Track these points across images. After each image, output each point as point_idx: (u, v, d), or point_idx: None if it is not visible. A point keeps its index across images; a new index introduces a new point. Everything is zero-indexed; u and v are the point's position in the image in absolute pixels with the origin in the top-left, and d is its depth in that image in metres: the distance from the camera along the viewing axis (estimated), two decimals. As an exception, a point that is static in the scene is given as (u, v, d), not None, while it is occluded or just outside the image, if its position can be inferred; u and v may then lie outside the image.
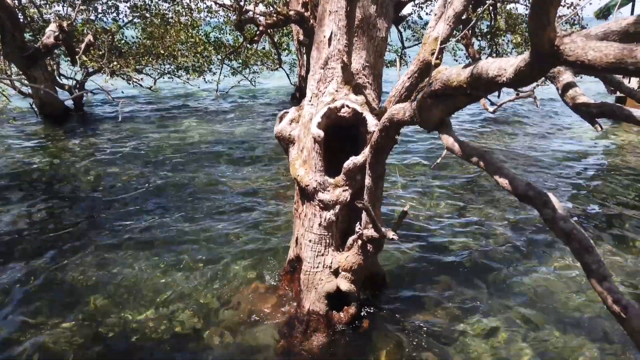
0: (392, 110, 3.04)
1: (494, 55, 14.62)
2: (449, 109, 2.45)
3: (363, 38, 4.19)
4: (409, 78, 3.88)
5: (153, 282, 5.32)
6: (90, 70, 13.75)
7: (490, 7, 12.94)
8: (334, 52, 4.15)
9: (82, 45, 11.99)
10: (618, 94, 13.01)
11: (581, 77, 5.94)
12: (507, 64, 1.74)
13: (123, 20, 13.93)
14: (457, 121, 14.51)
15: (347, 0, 3.77)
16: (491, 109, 6.45)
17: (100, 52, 12.25)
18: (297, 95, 18.32)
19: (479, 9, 12.19)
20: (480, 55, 14.75)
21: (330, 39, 4.16)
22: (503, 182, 2.05)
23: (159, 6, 13.92)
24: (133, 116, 14.99)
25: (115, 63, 12.14)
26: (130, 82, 14.39)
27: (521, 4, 13.06)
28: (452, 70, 2.23)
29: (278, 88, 21.87)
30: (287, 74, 19.78)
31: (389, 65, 17.33)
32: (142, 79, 14.77)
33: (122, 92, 15.13)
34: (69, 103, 14.72)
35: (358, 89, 4.22)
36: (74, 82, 15.02)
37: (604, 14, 14.72)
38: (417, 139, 12.39)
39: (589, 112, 2.12)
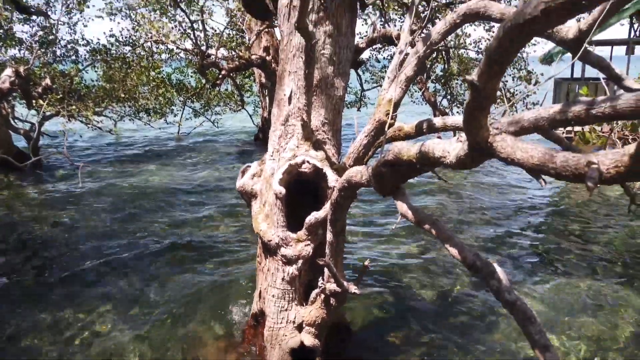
0: (350, 172, 3.17)
1: (449, 97, 15.33)
2: (402, 177, 2.60)
3: (322, 97, 4.36)
4: (365, 136, 4.05)
5: (102, 340, 5.14)
6: (48, 114, 13.49)
7: (444, 52, 13.64)
8: (294, 110, 4.29)
9: (39, 89, 11.81)
10: (565, 134, 13.75)
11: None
12: (450, 147, 1.89)
13: (82, 64, 13.84)
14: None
15: (305, 63, 3.93)
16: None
17: (58, 96, 12.07)
18: (260, 136, 18.47)
19: (432, 55, 12.81)
20: (436, 97, 15.42)
21: (290, 98, 4.31)
22: (453, 251, 2.18)
23: (119, 49, 13.93)
24: (91, 160, 14.70)
25: (73, 107, 11.98)
26: (89, 126, 14.17)
27: (471, 50, 13.83)
28: (403, 144, 2.38)
29: (241, 129, 22.00)
30: (250, 115, 19.97)
31: (349, 106, 17.80)
32: (101, 121, 14.59)
33: (81, 136, 14.86)
34: (24, 147, 14.31)
35: (318, 145, 4.36)
36: (30, 125, 14.66)
37: (547, 60, 15.73)
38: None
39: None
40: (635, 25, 14.98)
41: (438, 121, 3.96)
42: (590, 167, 1.13)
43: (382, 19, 13.83)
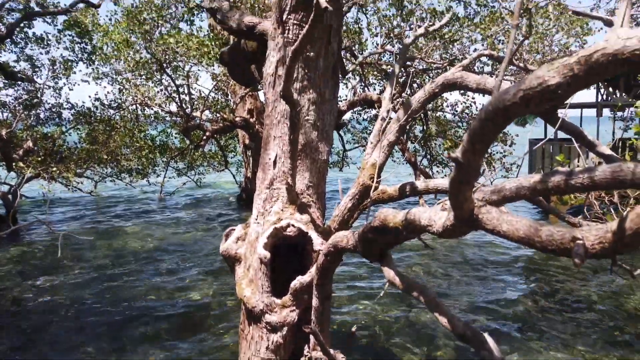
0: (336, 237, 3.17)
1: (429, 157, 15.68)
2: (389, 243, 2.60)
3: (306, 160, 4.43)
4: (350, 199, 4.09)
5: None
6: (28, 176, 13.34)
7: (422, 114, 14.10)
8: (279, 173, 4.34)
9: (20, 152, 11.74)
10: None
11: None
12: (436, 217, 1.92)
13: (66, 126, 13.90)
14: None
15: (290, 129, 4.02)
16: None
17: (40, 158, 12.00)
18: (243, 196, 18.46)
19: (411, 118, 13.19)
20: (416, 157, 15.75)
21: (275, 162, 4.37)
22: (443, 320, 2.15)
23: (104, 112, 14.07)
24: (70, 222, 14.41)
25: (54, 169, 11.88)
26: (69, 187, 14.01)
27: (448, 112, 14.34)
28: (389, 211, 2.41)
29: (224, 189, 21.99)
30: (234, 175, 20.04)
31: (331, 165, 18.04)
32: (82, 182, 14.44)
33: (60, 198, 14.63)
34: (1, 213, 14.02)
35: (303, 208, 4.37)
36: (9, 188, 14.43)
37: (521, 122, 16.38)
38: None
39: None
40: (602, 90, 15.85)
41: (421, 184, 4.03)
42: (576, 243, 1.16)
43: (362, 83, 14.37)
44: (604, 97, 16.04)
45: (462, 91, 13.57)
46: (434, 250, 11.18)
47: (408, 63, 10.77)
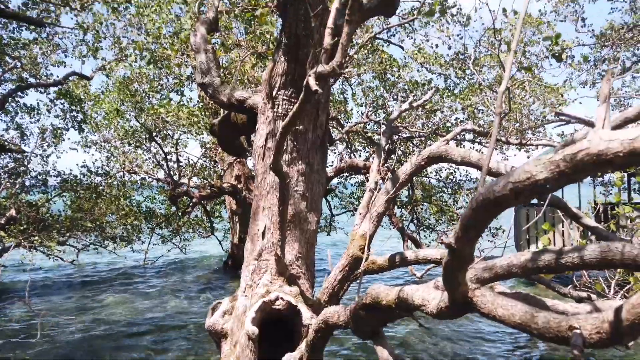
0: (327, 313, 3.10)
1: (415, 222, 15.74)
2: (381, 320, 2.55)
3: (295, 231, 4.42)
4: (340, 271, 4.04)
5: None
6: (8, 245, 13.01)
7: (408, 180, 14.31)
8: (267, 245, 4.30)
9: (2, 220, 11.52)
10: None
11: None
12: (429, 297, 1.90)
13: (51, 194, 13.77)
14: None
15: (280, 200, 4.04)
16: (418, 274, 6.71)
17: (22, 227, 11.76)
18: (230, 263, 18.12)
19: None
20: (403, 222, 15.80)
21: (264, 233, 4.35)
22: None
23: (91, 179, 14.03)
24: (49, 291, 13.90)
25: (36, 238, 11.62)
26: (50, 257, 13.64)
27: (433, 178, 14.60)
28: (381, 288, 2.38)
29: (210, 256, 21.61)
30: (220, 242, 19.77)
31: (319, 230, 17.96)
32: (63, 251, 14.09)
33: (41, 268, 14.21)
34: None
35: (292, 280, 4.30)
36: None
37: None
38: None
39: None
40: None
41: (410, 254, 4.02)
42: (573, 332, 1.15)
43: (349, 150, 14.67)
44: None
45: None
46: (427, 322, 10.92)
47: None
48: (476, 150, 12.81)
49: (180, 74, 9.70)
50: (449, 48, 12.11)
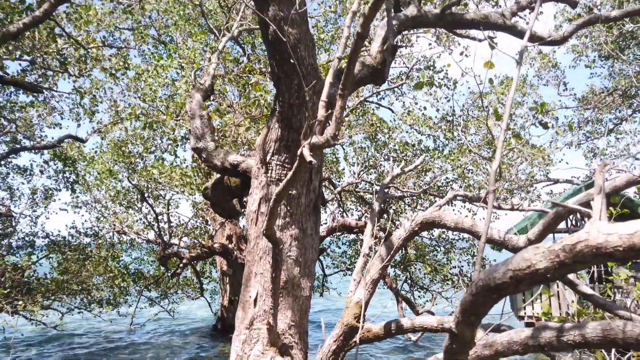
0: (321, 388, 2.97)
1: (409, 282, 15.52)
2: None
3: (288, 298, 4.32)
4: (334, 341, 3.92)
5: None
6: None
7: (401, 240, 14.24)
8: (259, 312, 4.19)
9: (-15, 284, 11.17)
10: (526, 319, 13.78)
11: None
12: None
13: (38, 255, 13.48)
14: (382, 351, 14.33)
15: (272, 266, 3.99)
16: (414, 337, 6.51)
17: (5, 291, 11.40)
18: (219, 327, 17.55)
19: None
20: (396, 283, 15.57)
21: (256, 300, 4.25)
22: None
23: (79, 240, 13.80)
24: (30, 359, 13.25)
25: (20, 302, 11.24)
26: (33, 321, 13.14)
27: (426, 237, 14.55)
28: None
29: (199, 318, 20.95)
30: (209, 303, 19.26)
31: (312, 291, 17.57)
32: (47, 315, 13.59)
33: (22, 335, 13.64)
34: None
35: (285, 350, 4.15)
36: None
37: (498, 248, 16.69)
38: None
39: None
40: (571, 216, 16.51)
41: (406, 322, 3.93)
42: None
43: (341, 209, 14.68)
44: (573, 222, 16.66)
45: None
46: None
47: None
48: (467, 209, 12.89)
49: (175, 138, 9.84)
50: (437, 110, 12.48)
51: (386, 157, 12.49)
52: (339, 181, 14.00)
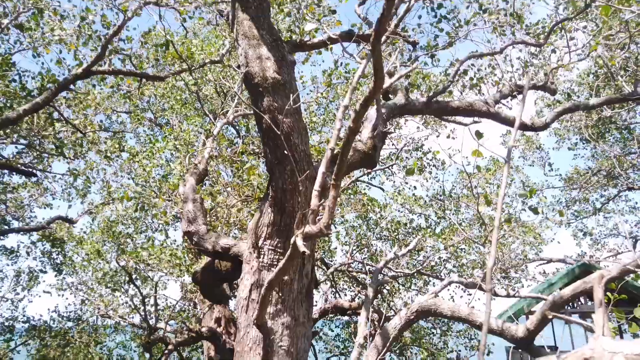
0: None
1: (406, 367, 14.83)
2: None
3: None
4: None
5: None
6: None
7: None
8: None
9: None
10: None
11: None
12: None
13: (16, 342, 12.81)
14: None
15: (263, 357, 3.82)
16: None
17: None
18: (204, 417, 16.39)
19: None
20: (392, 368, 14.88)
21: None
22: None
23: (61, 324, 13.21)
24: None
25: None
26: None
27: (422, 321, 14.13)
28: None
29: (182, 408, 19.58)
30: (194, 393, 18.11)
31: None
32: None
33: None
34: None
35: None
36: None
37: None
38: None
39: None
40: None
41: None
42: None
43: (333, 289, 14.34)
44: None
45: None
46: None
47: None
48: (462, 289, 12.65)
49: (166, 221, 9.79)
50: (427, 190, 12.65)
51: (378, 236, 12.47)
52: (332, 260, 13.81)
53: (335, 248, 14.17)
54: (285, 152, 3.80)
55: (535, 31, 6.62)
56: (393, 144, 12.53)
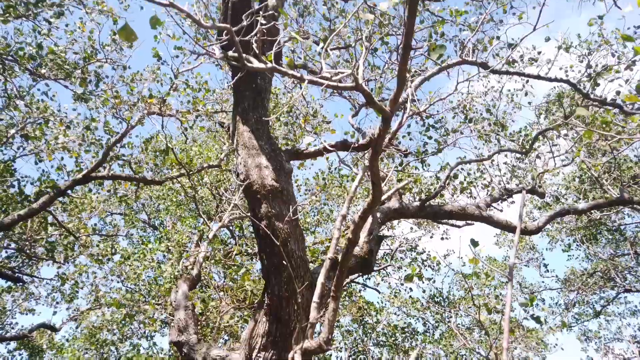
0: None
1: None
2: None
3: None
4: None
5: None
6: None
7: None
8: None
9: None
10: None
11: None
12: None
13: None
14: None
15: None
16: None
17: None
18: None
19: None
20: None
21: None
22: None
23: None
24: None
25: None
26: None
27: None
28: None
29: None
30: None
31: None
32: None
33: None
34: None
35: None
36: None
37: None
38: None
39: None
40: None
41: None
42: None
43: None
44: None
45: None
46: None
47: None
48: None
49: (155, 329, 9.40)
50: (424, 291, 12.38)
51: (375, 341, 11.95)
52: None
53: (330, 355, 13.47)
54: (284, 262, 3.78)
55: (518, 138, 6.97)
56: (387, 245, 12.48)
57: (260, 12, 3.06)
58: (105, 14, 7.46)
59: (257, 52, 2.44)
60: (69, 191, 7.12)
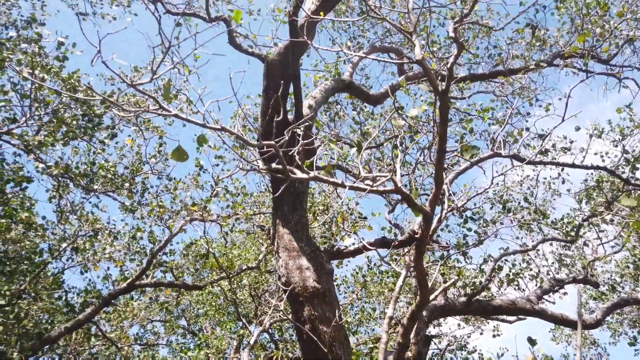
0: None
1: None
2: None
3: None
4: None
5: None
6: None
7: None
8: None
9: None
10: None
11: None
12: None
13: None
14: None
15: None
16: None
17: None
18: None
19: None
20: None
21: None
22: None
23: None
24: None
25: None
26: None
27: None
28: None
29: None
30: None
31: None
32: None
33: None
34: None
35: None
36: None
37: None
38: None
39: None
40: None
41: None
42: None
43: None
44: None
45: None
46: None
47: None
48: None
49: None
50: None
51: None
52: None
53: None
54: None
55: (562, 226, 6.79)
56: (434, 343, 11.78)
57: (301, 127, 3.28)
58: (151, 130, 8.07)
59: (300, 163, 2.60)
60: (113, 300, 7.22)
